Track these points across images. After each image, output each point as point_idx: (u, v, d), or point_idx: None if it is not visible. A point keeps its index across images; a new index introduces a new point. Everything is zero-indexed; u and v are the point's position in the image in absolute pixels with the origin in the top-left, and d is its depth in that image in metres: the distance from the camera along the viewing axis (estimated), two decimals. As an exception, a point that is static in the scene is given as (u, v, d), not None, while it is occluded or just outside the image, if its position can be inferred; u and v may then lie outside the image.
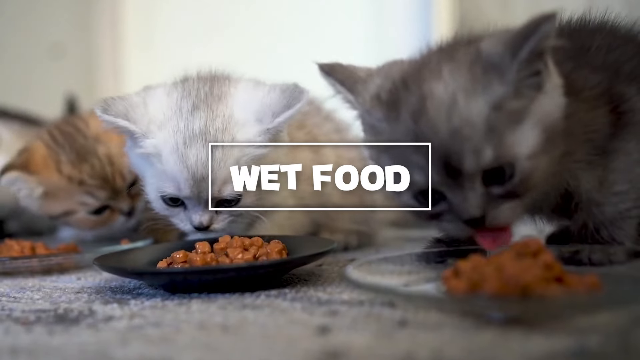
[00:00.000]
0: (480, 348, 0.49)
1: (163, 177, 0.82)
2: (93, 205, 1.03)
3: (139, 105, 0.84)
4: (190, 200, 0.82)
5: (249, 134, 0.81)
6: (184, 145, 0.80)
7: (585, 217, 0.71)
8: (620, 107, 0.68)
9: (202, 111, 0.81)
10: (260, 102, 0.82)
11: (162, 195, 0.83)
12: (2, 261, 0.91)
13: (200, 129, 0.80)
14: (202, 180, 0.80)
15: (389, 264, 0.68)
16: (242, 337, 0.55)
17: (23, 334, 0.60)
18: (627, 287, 0.62)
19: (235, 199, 0.82)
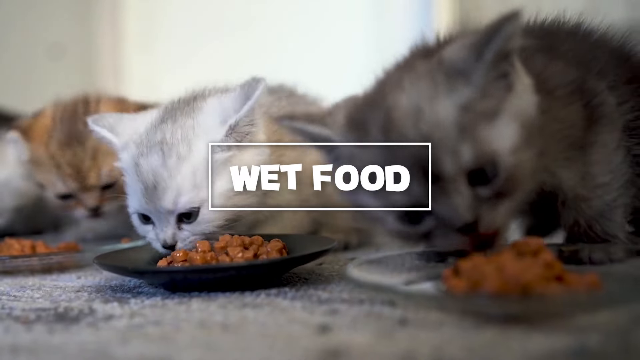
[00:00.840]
0: (480, 347, 0.49)
1: (131, 192, 0.81)
2: (60, 190, 1.04)
3: (127, 121, 0.85)
4: (154, 215, 0.79)
5: (215, 138, 0.79)
6: (140, 156, 0.79)
7: (575, 214, 0.71)
8: (593, 102, 0.68)
9: (165, 124, 0.81)
10: (221, 105, 0.81)
11: (134, 212, 0.81)
12: (2, 260, 0.91)
13: (158, 139, 0.79)
14: (153, 190, 0.77)
15: (389, 262, 0.68)
16: (242, 336, 0.55)
17: (23, 333, 0.60)
18: (628, 286, 0.62)
19: (194, 212, 0.78)
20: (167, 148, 0.78)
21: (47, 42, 2.32)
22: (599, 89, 0.69)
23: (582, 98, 0.67)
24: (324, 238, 0.86)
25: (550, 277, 0.55)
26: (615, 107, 0.70)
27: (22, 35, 2.27)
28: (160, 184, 0.77)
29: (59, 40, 2.35)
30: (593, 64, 0.71)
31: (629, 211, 0.72)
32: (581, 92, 0.68)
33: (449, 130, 0.57)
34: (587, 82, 0.69)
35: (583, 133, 0.68)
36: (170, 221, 0.78)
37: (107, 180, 1.03)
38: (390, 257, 0.69)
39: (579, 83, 0.68)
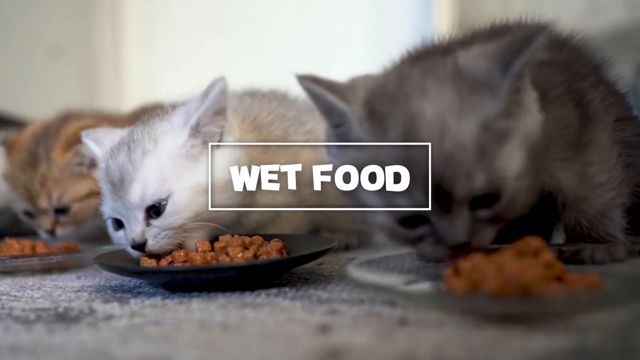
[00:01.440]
0: (480, 347, 0.49)
1: (104, 197, 0.81)
2: (21, 208, 1.06)
3: (112, 134, 0.85)
4: (122, 215, 0.78)
5: (178, 136, 0.79)
6: (109, 159, 0.80)
7: (576, 214, 0.71)
8: (583, 100, 0.68)
9: (137, 127, 0.81)
10: (187, 108, 0.81)
11: (107, 217, 0.81)
12: (2, 260, 0.91)
13: (126, 140, 0.80)
14: (120, 185, 0.77)
15: (389, 262, 0.68)
16: (242, 336, 0.55)
17: (23, 333, 0.60)
18: (628, 286, 0.62)
19: (162, 205, 0.77)
20: (133, 145, 0.79)
21: (47, 42, 2.32)
22: (586, 89, 0.70)
23: (573, 98, 0.68)
24: (324, 238, 0.86)
25: (550, 277, 0.55)
26: (601, 104, 0.70)
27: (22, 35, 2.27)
28: (126, 178, 0.77)
29: (59, 40, 2.35)
30: (575, 67, 0.71)
31: (625, 211, 0.72)
32: (571, 92, 0.68)
33: (469, 153, 0.56)
34: (573, 83, 0.69)
35: (578, 133, 0.68)
36: (139, 217, 0.77)
37: (57, 205, 1.03)
38: (390, 257, 0.69)
39: (567, 84, 0.68)
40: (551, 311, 0.54)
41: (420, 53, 0.66)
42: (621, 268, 0.67)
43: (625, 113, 0.75)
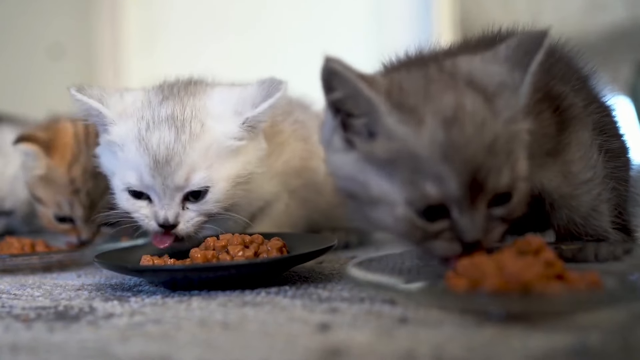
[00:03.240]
0: (480, 345, 0.49)
1: (125, 167, 0.79)
2: (62, 213, 1.01)
3: (115, 95, 0.83)
4: (155, 192, 0.78)
5: (228, 126, 0.80)
6: (146, 130, 0.78)
7: (568, 212, 0.71)
8: (562, 105, 0.70)
9: (171, 101, 0.80)
10: (237, 97, 0.82)
11: (126, 187, 0.80)
12: (2, 258, 0.91)
13: (166, 114, 0.78)
14: (165, 164, 0.76)
15: (389, 261, 0.68)
16: (242, 334, 0.55)
17: (23, 331, 0.60)
18: (628, 285, 0.62)
19: (203, 191, 0.78)
20: (179, 124, 0.78)
21: (47, 42, 2.32)
22: (565, 92, 0.71)
23: (551, 105, 0.69)
24: (324, 237, 0.86)
25: (550, 275, 0.55)
26: (582, 108, 0.71)
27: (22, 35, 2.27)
28: (174, 159, 0.77)
29: (59, 40, 2.35)
30: (555, 70, 0.72)
31: (612, 207, 0.73)
32: (549, 98, 0.69)
33: (502, 147, 0.57)
34: (553, 87, 0.70)
35: (556, 140, 0.69)
36: (176, 199, 0.78)
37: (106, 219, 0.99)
38: (390, 255, 0.69)
39: (546, 90, 0.69)
40: (551, 310, 0.54)
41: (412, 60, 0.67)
42: (621, 266, 0.67)
43: (609, 125, 0.76)
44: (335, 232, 0.98)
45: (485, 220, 0.58)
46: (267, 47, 2.26)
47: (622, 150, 0.76)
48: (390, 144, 0.58)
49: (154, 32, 2.48)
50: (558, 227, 0.72)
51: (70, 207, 1.00)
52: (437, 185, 0.56)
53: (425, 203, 0.57)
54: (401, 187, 0.58)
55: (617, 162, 0.74)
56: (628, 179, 0.76)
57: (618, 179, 0.74)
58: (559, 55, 0.76)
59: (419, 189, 0.57)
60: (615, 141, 0.75)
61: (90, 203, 1.00)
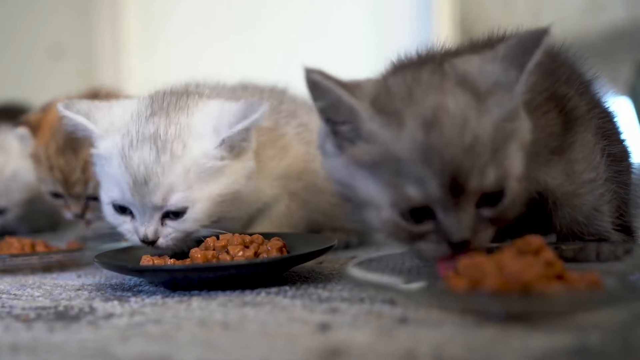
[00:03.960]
0: (480, 345, 0.49)
1: (110, 181, 0.80)
2: (51, 189, 1.05)
3: (103, 109, 0.83)
4: (136, 209, 0.79)
5: (206, 145, 0.79)
6: (129, 147, 0.78)
7: (570, 211, 0.71)
8: (567, 106, 0.70)
9: (157, 117, 0.80)
10: (219, 115, 0.81)
11: (111, 202, 0.81)
12: (2, 259, 0.91)
13: (150, 133, 0.78)
14: (144, 184, 0.77)
15: (389, 261, 0.68)
16: (242, 334, 0.55)
17: (23, 331, 0.60)
18: (628, 285, 0.62)
19: (181, 211, 0.78)
20: (160, 144, 0.77)
21: (47, 41, 2.32)
22: (570, 94, 0.71)
23: (557, 105, 0.69)
24: (324, 237, 0.86)
25: (551, 275, 0.55)
26: (586, 111, 0.72)
27: (22, 35, 2.27)
28: (153, 180, 0.77)
29: (59, 40, 2.35)
30: (560, 72, 0.73)
31: (614, 208, 0.73)
32: (555, 99, 0.69)
33: (486, 148, 0.57)
34: (558, 88, 0.70)
35: (561, 139, 0.69)
36: (155, 217, 0.78)
37: (92, 193, 1.01)
38: (390, 256, 0.69)
39: (551, 90, 0.69)
40: (551, 310, 0.54)
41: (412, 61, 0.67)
42: (621, 266, 0.67)
43: (611, 129, 0.76)
44: (335, 232, 0.98)
45: (473, 220, 0.58)
46: (267, 48, 2.25)
47: (624, 155, 0.77)
48: (372, 148, 0.59)
49: (154, 32, 2.48)
50: (560, 226, 0.73)
51: (52, 183, 1.04)
52: (418, 187, 0.57)
53: (408, 205, 0.58)
54: (385, 190, 0.59)
55: (618, 166, 0.74)
56: (630, 182, 0.77)
57: (620, 182, 0.74)
58: (564, 59, 0.76)
59: (401, 192, 0.58)
60: (617, 146, 0.75)
61: (63, 179, 1.02)
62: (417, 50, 0.70)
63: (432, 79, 0.60)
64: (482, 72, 0.60)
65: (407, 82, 0.61)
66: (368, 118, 0.59)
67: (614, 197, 0.73)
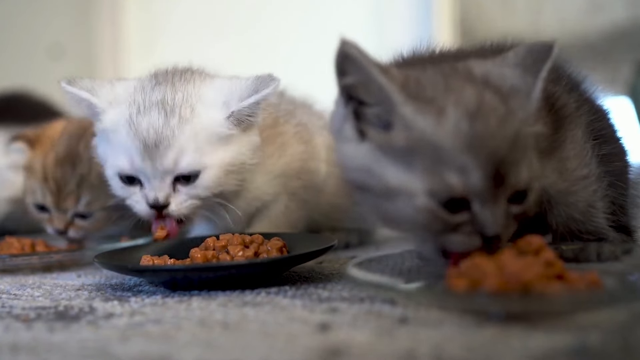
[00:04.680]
0: (480, 345, 0.49)
1: (118, 152, 0.80)
2: (37, 199, 1.03)
3: (106, 85, 0.85)
4: (146, 176, 0.79)
5: (215, 116, 0.80)
6: (137, 114, 0.79)
7: (565, 208, 0.71)
8: (556, 105, 0.71)
9: (163, 86, 0.81)
10: (229, 88, 0.82)
11: (118, 172, 0.81)
12: (2, 258, 0.91)
13: (157, 99, 0.79)
14: (154, 147, 0.78)
15: (389, 261, 0.68)
16: (242, 334, 0.55)
17: (23, 331, 0.60)
18: (628, 285, 0.62)
19: (193, 175, 0.79)
20: (169, 108, 0.79)
21: (47, 42, 2.32)
22: (558, 92, 0.71)
23: (546, 105, 0.69)
24: (324, 237, 0.86)
25: (551, 275, 0.55)
26: (575, 108, 0.72)
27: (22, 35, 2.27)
28: (163, 142, 0.78)
29: (59, 40, 2.35)
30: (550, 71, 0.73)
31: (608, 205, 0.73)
32: (543, 98, 0.68)
33: (523, 143, 0.58)
34: (546, 87, 0.69)
35: (552, 137, 0.70)
36: (166, 181, 0.79)
37: (82, 211, 1.01)
38: (390, 255, 0.69)
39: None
40: (551, 310, 0.54)
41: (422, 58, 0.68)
42: (620, 266, 0.67)
43: (604, 127, 0.76)
44: (335, 232, 0.98)
45: (506, 216, 0.58)
46: (267, 47, 2.25)
47: (619, 153, 0.77)
48: (408, 134, 0.57)
49: (154, 32, 2.48)
50: (556, 225, 0.72)
51: (42, 193, 1.02)
52: (461, 176, 0.56)
53: (448, 194, 0.56)
54: (422, 177, 0.57)
55: (612, 164, 0.74)
56: (627, 182, 0.76)
57: (615, 181, 0.74)
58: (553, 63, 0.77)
59: (441, 180, 0.56)
60: (611, 143, 0.76)
61: (57, 189, 1.01)
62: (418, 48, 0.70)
63: (462, 74, 0.60)
64: (500, 75, 0.61)
65: (437, 74, 0.60)
66: (402, 102, 0.57)
67: (606, 194, 0.73)
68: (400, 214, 0.59)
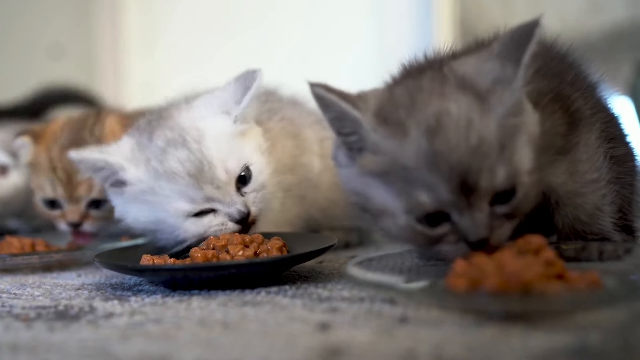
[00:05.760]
0: (480, 345, 0.49)
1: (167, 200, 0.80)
2: (48, 195, 1.01)
3: (111, 145, 0.86)
4: (210, 201, 0.81)
5: (221, 127, 0.82)
6: (159, 160, 0.80)
7: (573, 209, 0.72)
8: (572, 108, 0.71)
9: (151, 132, 0.82)
10: (219, 98, 0.84)
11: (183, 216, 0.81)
12: (2, 258, 0.91)
13: (159, 144, 0.81)
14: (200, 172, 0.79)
15: (389, 260, 0.68)
16: (242, 333, 0.55)
17: (23, 331, 0.60)
18: (628, 284, 0.62)
19: (246, 174, 0.82)
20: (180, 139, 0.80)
21: (47, 42, 2.32)
22: (575, 96, 0.71)
23: (562, 106, 0.69)
24: (325, 236, 0.86)
25: (551, 275, 0.55)
26: (590, 114, 0.72)
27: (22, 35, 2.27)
28: (204, 164, 0.79)
29: (59, 40, 2.35)
30: (566, 74, 0.73)
31: (616, 209, 0.73)
32: (560, 99, 0.69)
33: (493, 147, 0.57)
34: (563, 89, 0.71)
35: (566, 139, 0.70)
36: (231, 190, 0.80)
37: (97, 196, 0.98)
38: (390, 255, 0.69)
39: (557, 91, 0.70)
40: (552, 309, 0.54)
41: (415, 68, 0.68)
42: (621, 266, 0.67)
43: (616, 131, 0.77)
44: (334, 231, 0.98)
45: (488, 219, 0.58)
46: (268, 48, 2.25)
47: (628, 157, 0.77)
48: (379, 158, 0.60)
49: (154, 32, 2.48)
50: (562, 225, 0.73)
51: (51, 186, 1.00)
52: (429, 193, 0.58)
53: (422, 211, 0.59)
54: (397, 197, 0.60)
55: (622, 168, 0.75)
56: (633, 184, 0.77)
57: (623, 184, 0.74)
58: (571, 61, 0.77)
59: (413, 199, 0.58)
60: (621, 148, 0.76)
61: (67, 178, 0.99)
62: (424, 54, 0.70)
63: (433, 85, 0.61)
64: (480, 71, 0.61)
65: (409, 90, 0.61)
66: (371, 129, 0.60)
67: (616, 198, 0.73)
68: (391, 231, 0.62)
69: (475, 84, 0.60)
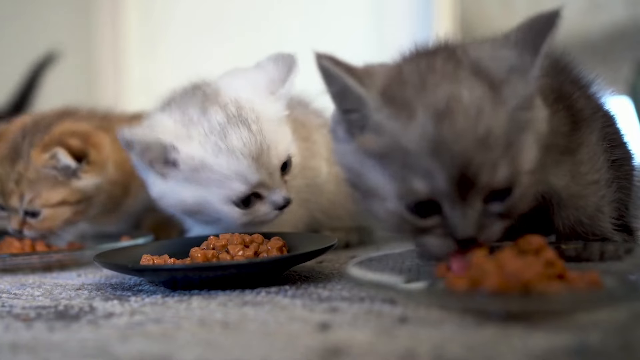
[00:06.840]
0: (480, 344, 0.49)
1: (222, 181, 0.80)
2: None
3: (155, 120, 0.83)
4: (262, 186, 0.82)
5: (274, 106, 0.84)
6: (220, 139, 0.79)
7: (574, 211, 0.71)
8: (574, 107, 0.70)
9: (217, 106, 0.81)
10: (264, 79, 0.85)
11: (232, 198, 0.80)
12: (2, 258, 0.91)
13: (219, 122, 0.80)
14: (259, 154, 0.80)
15: (389, 260, 0.68)
16: (242, 333, 0.55)
17: (23, 330, 0.60)
18: (628, 284, 0.62)
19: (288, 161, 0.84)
20: (239, 120, 0.80)
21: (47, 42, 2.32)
22: (575, 94, 0.71)
23: (565, 106, 0.69)
24: (325, 236, 0.86)
25: (551, 275, 0.55)
26: (591, 113, 0.72)
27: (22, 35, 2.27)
28: (263, 146, 0.79)
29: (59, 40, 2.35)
30: (566, 73, 0.74)
31: (614, 209, 0.73)
32: (563, 99, 0.69)
33: (499, 141, 0.55)
34: (564, 87, 0.70)
35: (569, 139, 0.69)
36: (278, 178, 0.81)
37: (27, 208, 0.96)
38: (390, 255, 0.69)
39: (561, 90, 0.69)
40: (552, 309, 0.54)
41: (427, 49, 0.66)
42: (621, 266, 0.67)
43: (613, 132, 0.76)
44: (335, 231, 0.98)
45: (479, 217, 0.57)
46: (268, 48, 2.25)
47: (626, 158, 0.77)
48: (380, 139, 0.57)
49: (154, 32, 2.48)
50: (563, 227, 0.72)
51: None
52: (425, 180, 0.56)
53: (414, 198, 0.57)
54: (391, 181, 0.57)
55: (620, 169, 0.75)
56: (632, 185, 0.77)
57: (621, 184, 0.74)
58: (566, 62, 0.77)
59: (407, 185, 0.56)
60: (619, 148, 0.76)
61: (1, 188, 0.97)
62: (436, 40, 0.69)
63: (446, 67, 0.58)
64: (496, 58, 0.58)
65: (420, 70, 0.59)
66: (376, 108, 0.57)
67: (614, 199, 0.73)
68: (377, 214, 0.60)
69: (489, 71, 0.58)
